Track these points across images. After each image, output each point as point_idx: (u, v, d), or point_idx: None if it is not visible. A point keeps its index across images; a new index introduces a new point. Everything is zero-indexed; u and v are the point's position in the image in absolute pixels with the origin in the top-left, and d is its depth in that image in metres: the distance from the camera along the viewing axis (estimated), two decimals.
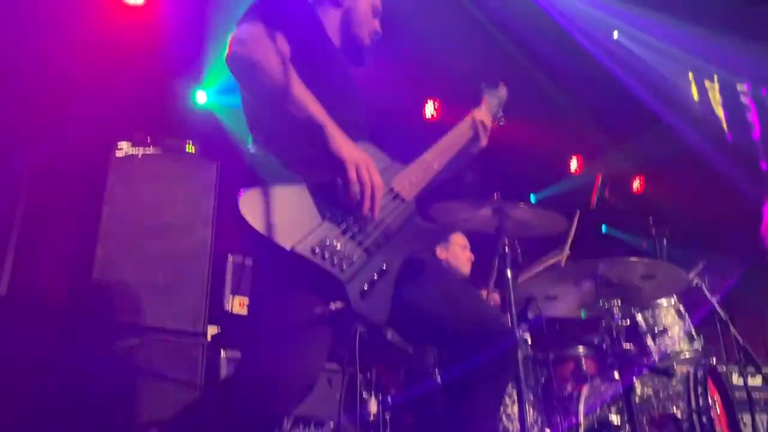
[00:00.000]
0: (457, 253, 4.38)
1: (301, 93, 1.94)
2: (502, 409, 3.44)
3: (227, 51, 1.99)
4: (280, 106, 1.96)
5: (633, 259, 3.50)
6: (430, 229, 2.20)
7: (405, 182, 2.15)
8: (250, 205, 1.82)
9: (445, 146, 2.37)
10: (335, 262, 1.83)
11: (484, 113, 2.52)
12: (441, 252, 4.35)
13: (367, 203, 1.90)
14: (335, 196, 1.93)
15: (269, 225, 1.81)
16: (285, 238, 1.81)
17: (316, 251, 1.82)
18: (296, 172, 1.95)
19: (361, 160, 1.91)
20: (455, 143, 2.40)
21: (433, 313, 2.10)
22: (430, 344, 3.06)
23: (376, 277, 1.88)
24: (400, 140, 2.47)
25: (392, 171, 2.16)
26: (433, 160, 2.29)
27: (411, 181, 2.16)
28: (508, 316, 3.05)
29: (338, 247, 1.86)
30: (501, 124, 2.72)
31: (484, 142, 2.47)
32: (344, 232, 1.91)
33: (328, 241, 1.85)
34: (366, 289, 1.85)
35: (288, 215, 1.85)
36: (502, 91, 2.75)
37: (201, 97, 5.47)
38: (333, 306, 1.81)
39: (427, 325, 2.14)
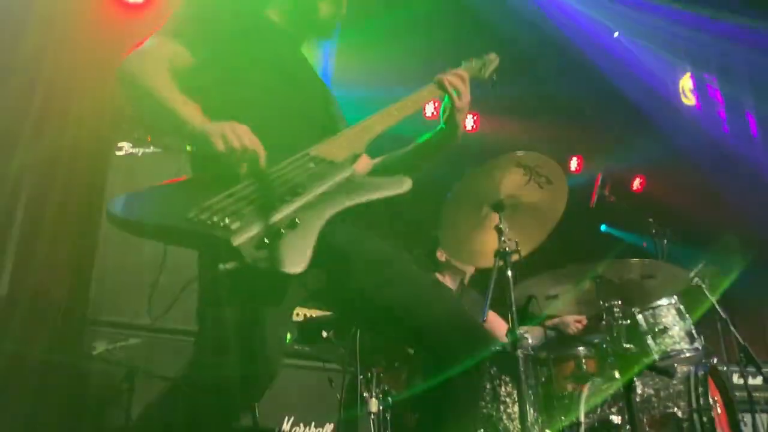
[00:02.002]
0: None
1: (172, 98, 1.92)
2: (502, 408, 3.44)
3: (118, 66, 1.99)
4: (157, 118, 1.99)
5: (633, 260, 3.51)
6: (371, 182, 2.08)
7: (329, 146, 2.07)
8: (117, 205, 1.77)
9: (396, 109, 2.26)
10: (214, 223, 1.72)
11: (457, 71, 2.37)
12: (441, 254, 4.27)
13: (238, 157, 1.83)
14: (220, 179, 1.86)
15: (140, 213, 1.77)
16: (153, 217, 1.76)
17: (191, 218, 1.73)
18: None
19: (226, 128, 1.84)
20: (408, 106, 2.28)
21: (408, 312, 2.05)
22: (405, 344, 3.02)
23: (282, 230, 1.77)
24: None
25: (318, 144, 2.09)
26: (374, 123, 2.19)
27: (340, 144, 2.08)
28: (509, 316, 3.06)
29: (220, 210, 1.75)
30: (494, 85, 2.62)
31: (458, 101, 2.30)
32: (230, 196, 1.81)
33: (208, 207, 1.75)
34: (266, 241, 1.73)
35: (166, 201, 1.81)
36: (491, 56, 2.63)
37: None
38: (222, 266, 1.68)
39: (400, 325, 2.10)
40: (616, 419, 3.39)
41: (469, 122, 7.01)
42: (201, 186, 1.85)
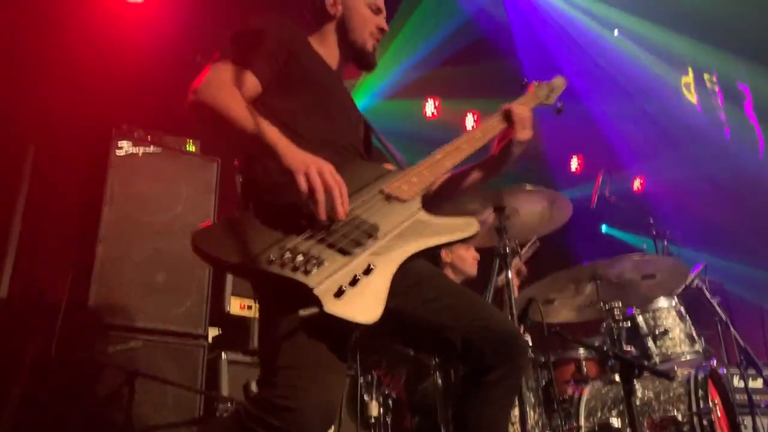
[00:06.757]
0: (462, 254, 4.31)
1: (255, 126, 1.90)
2: None
3: (189, 95, 1.96)
4: (243, 145, 2.02)
5: (634, 256, 3.52)
6: (440, 224, 2.02)
7: (401, 183, 2.06)
8: (204, 237, 1.79)
9: (465, 142, 2.26)
10: (297, 266, 1.72)
11: (519, 103, 2.37)
12: (446, 255, 4.26)
13: (320, 205, 1.80)
14: (300, 210, 1.85)
15: (223, 249, 1.75)
16: (235, 256, 1.74)
17: (274, 261, 1.72)
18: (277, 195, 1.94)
19: (313, 166, 1.83)
20: (478, 138, 2.28)
21: (439, 323, 2.03)
22: (440, 356, 3.02)
23: (358, 276, 1.75)
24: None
25: (387, 177, 2.09)
26: (444, 157, 2.19)
27: (410, 181, 2.07)
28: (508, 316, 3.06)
29: (302, 253, 1.75)
30: (559, 111, 2.58)
31: (521, 135, 2.27)
32: (310, 238, 1.80)
33: (289, 249, 1.75)
34: (343, 288, 1.71)
35: (247, 237, 1.79)
36: (558, 81, 2.62)
37: None
38: (302, 312, 1.66)
39: (434, 337, 2.07)
40: (616, 423, 3.38)
41: (470, 122, 7.01)
42: (278, 217, 1.85)
